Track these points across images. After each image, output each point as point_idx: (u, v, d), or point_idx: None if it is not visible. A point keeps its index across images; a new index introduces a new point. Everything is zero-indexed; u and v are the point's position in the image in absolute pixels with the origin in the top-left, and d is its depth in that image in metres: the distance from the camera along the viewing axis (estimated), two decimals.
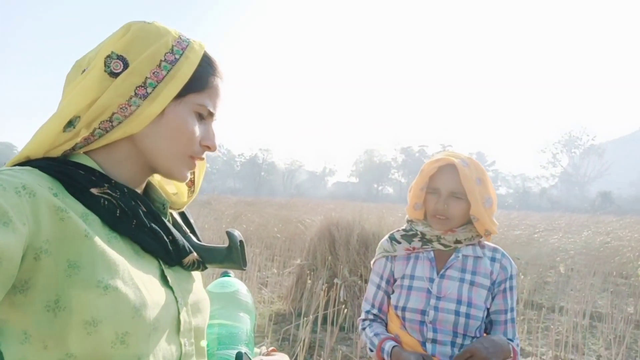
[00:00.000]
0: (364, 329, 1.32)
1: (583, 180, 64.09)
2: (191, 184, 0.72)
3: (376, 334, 1.25)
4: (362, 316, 1.35)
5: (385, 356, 1.19)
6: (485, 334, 1.25)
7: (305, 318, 2.92)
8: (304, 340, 2.80)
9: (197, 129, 0.62)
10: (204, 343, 0.65)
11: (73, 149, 0.57)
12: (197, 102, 0.61)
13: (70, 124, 0.56)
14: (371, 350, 1.25)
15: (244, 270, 0.66)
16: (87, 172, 0.55)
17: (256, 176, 70.13)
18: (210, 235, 7.09)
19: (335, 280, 3.71)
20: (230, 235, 0.66)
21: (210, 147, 0.64)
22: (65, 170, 0.54)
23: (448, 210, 1.21)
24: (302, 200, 16.46)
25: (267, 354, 0.73)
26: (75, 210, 0.52)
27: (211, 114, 0.64)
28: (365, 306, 1.35)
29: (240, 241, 0.66)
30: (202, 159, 0.65)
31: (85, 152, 0.59)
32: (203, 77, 0.61)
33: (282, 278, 5.29)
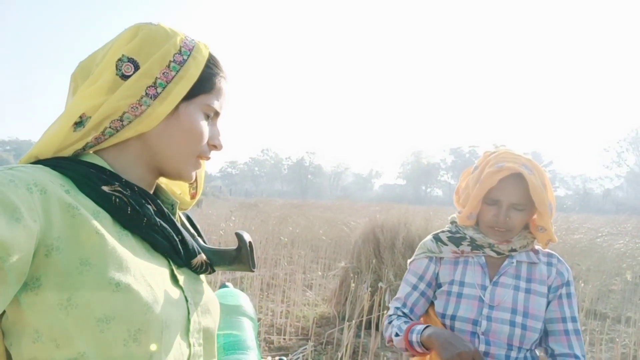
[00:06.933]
0: (390, 322, 1.20)
1: None
2: (193, 181, 0.72)
3: (406, 322, 1.16)
4: (391, 312, 1.24)
5: (414, 337, 1.08)
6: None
7: (348, 322, 2.88)
8: (348, 344, 2.75)
9: (207, 129, 0.64)
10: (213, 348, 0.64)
11: (84, 148, 0.58)
12: (206, 103, 0.63)
13: (81, 123, 0.56)
14: (397, 335, 1.14)
15: (253, 272, 0.65)
16: (97, 170, 0.56)
17: (303, 179, 70.91)
18: (256, 238, 7.21)
19: (380, 284, 3.63)
20: (239, 236, 0.65)
21: (217, 147, 0.66)
22: (76, 167, 0.55)
23: (509, 223, 1.12)
24: (348, 202, 16.38)
25: None
26: (86, 207, 0.52)
27: (217, 114, 0.66)
28: (395, 304, 1.25)
29: (250, 242, 0.65)
30: (209, 158, 0.66)
31: (95, 152, 0.60)
32: (210, 78, 0.63)
33: (326, 280, 5.28)
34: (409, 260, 1.31)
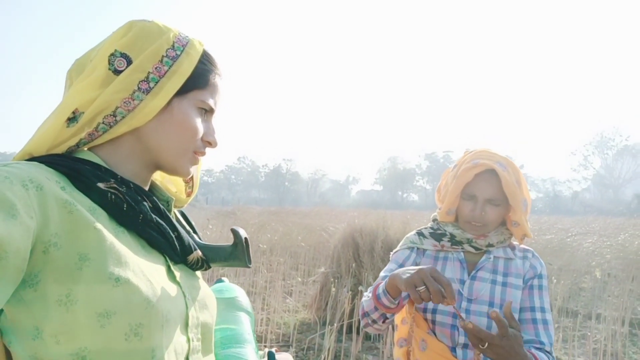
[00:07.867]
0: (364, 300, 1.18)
1: (617, 183, 61.61)
2: (189, 179, 0.73)
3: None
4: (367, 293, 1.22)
5: (380, 289, 1.07)
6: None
7: (330, 327, 2.88)
8: (329, 349, 2.76)
9: (201, 125, 0.63)
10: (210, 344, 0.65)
11: (77, 145, 0.57)
12: (200, 99, 0.62)
13: (74, 119, 0.56)
14: (368, 296, 1.14)
15: (249, 267, 0.66)
16: (92, 167, 0.56)
17: (280, 186, 70.59)
18: None
19: (360, 288, 3.66)
20: (235, 232, 0.66)
21: (211, 143, 0.66)
22: (71, 164, 0.54)
23: (485, 217, 1.17)
24: (325, 208, 16.42)
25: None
26: (82, 204, 0.52)
27: (212, 111, 0.65)
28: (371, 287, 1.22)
29: (245, 238, 0.65)
30: (204, 154, 0.66)
31: (88, 149, 0.59)
32: (204, 74, 0.63)
33: (306, 287, 5.26)
34: (391, 253, 1.34)
